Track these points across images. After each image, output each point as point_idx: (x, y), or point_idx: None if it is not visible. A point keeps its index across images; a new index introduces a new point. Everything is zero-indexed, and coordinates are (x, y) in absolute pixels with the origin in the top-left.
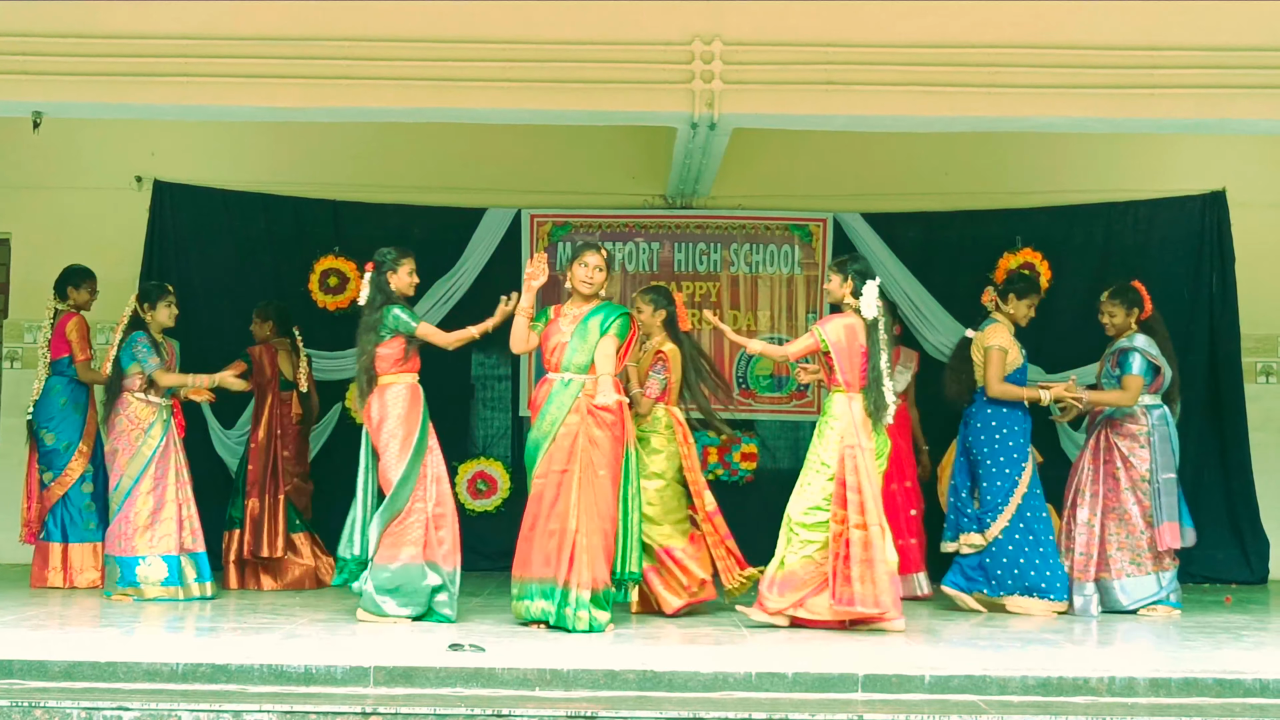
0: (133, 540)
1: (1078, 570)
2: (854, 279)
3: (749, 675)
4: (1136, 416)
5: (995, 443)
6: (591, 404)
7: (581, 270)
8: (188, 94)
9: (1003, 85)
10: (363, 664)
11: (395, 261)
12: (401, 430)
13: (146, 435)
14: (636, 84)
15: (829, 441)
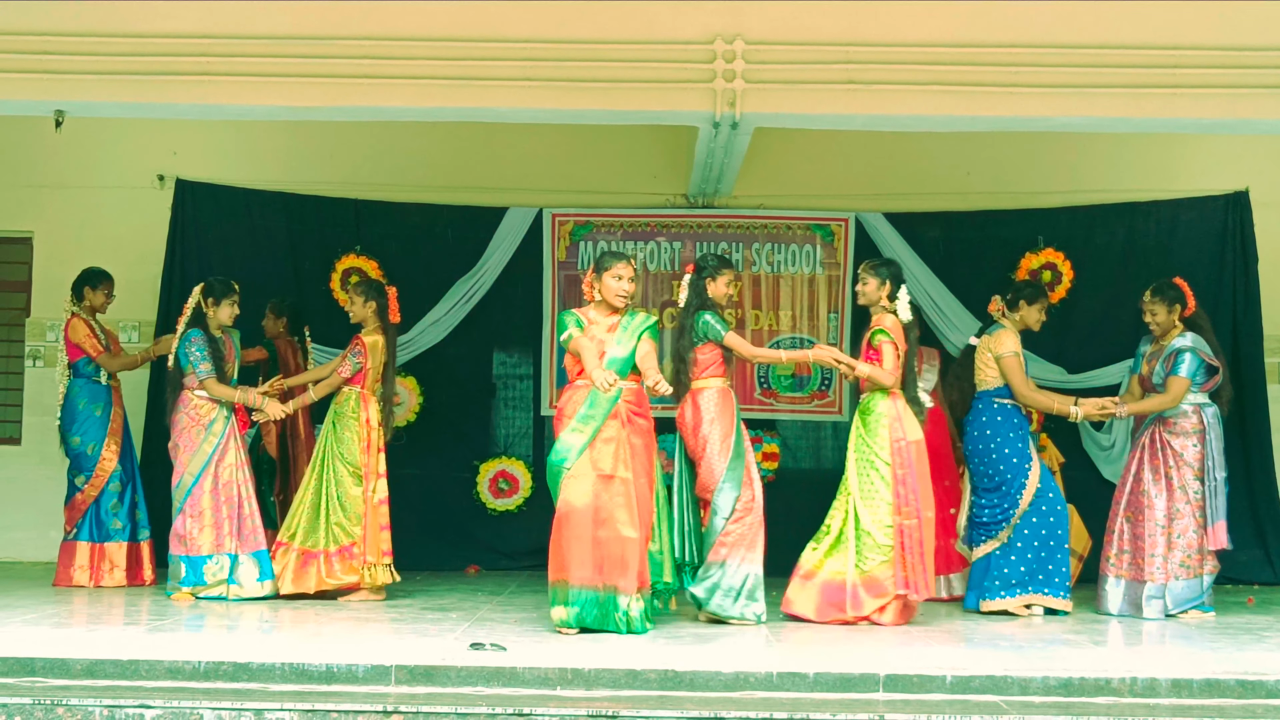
0: (198, 539)
1: (1149, 573)
2: (891, 282)
3: (770, 675)
4: (1189, 414)
5: (996, 446)
6: (631, 411)
7: (615, 284)
8: (208, 93)
9: (1023, 85)
10: (384, 663)
11: (716, 270)
12: (717, 432)
13: (208, 432)
14: (658, 83)
15: (881, 439)
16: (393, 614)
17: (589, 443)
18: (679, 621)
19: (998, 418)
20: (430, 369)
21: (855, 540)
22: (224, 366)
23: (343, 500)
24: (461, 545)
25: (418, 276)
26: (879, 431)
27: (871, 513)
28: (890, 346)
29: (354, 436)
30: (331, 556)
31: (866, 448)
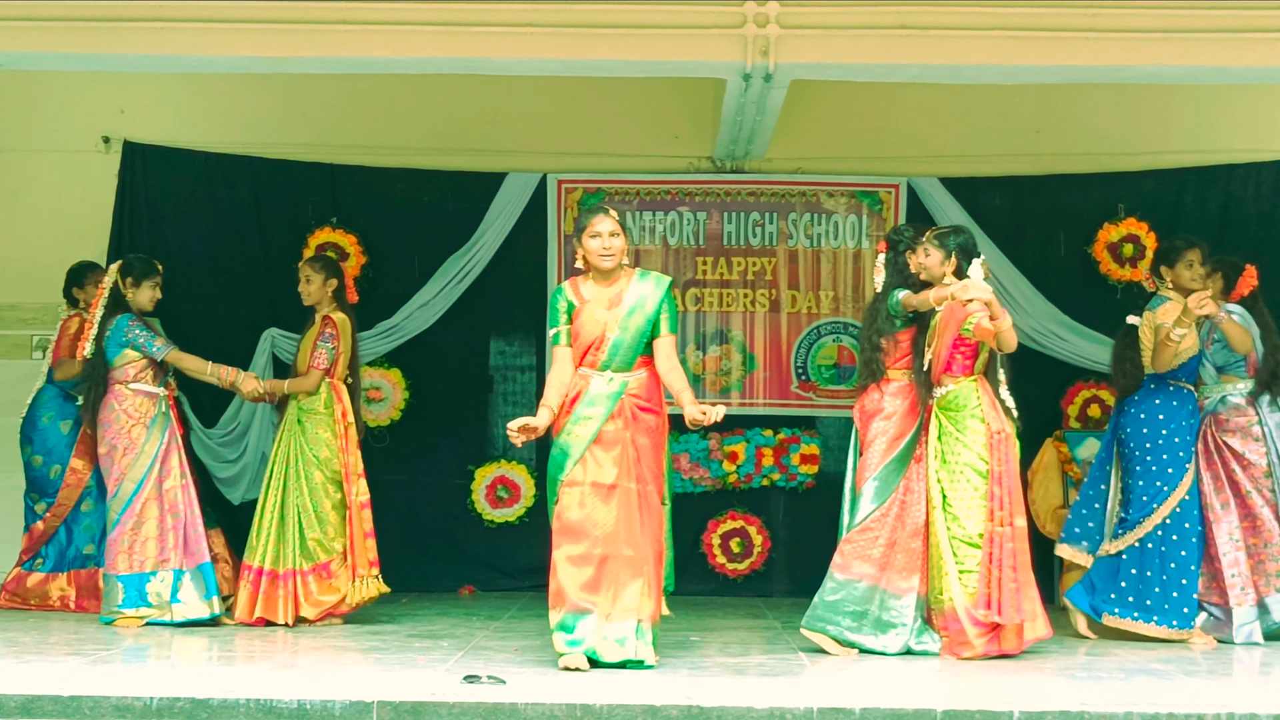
0: (140, 554)
1: (1233, 596)
2: (958, 255)
3: (810, 711)
4: (1243, 407)
5: (1156, 436)
6: (637, 406)
7: (594, 243)
8: (162, 42)
9: (1104, 30)
10: (365, 699)
11: (913, 241)
12: (893, 429)
13: (150, 430)
14: (679, 29)
15: (975, 434)
16: (375, 642)
17: (587, 447)
18: (704, 650)
19: (1173, 402)
20: (418, 359)
21: (953, 556)
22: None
23: (319, 511)
24: (454, 562)
25: (403, 252)
26: (969, 424)
27: (972, 520)
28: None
29: (330, 435)
30: (306, 576)
31: (961, 446)
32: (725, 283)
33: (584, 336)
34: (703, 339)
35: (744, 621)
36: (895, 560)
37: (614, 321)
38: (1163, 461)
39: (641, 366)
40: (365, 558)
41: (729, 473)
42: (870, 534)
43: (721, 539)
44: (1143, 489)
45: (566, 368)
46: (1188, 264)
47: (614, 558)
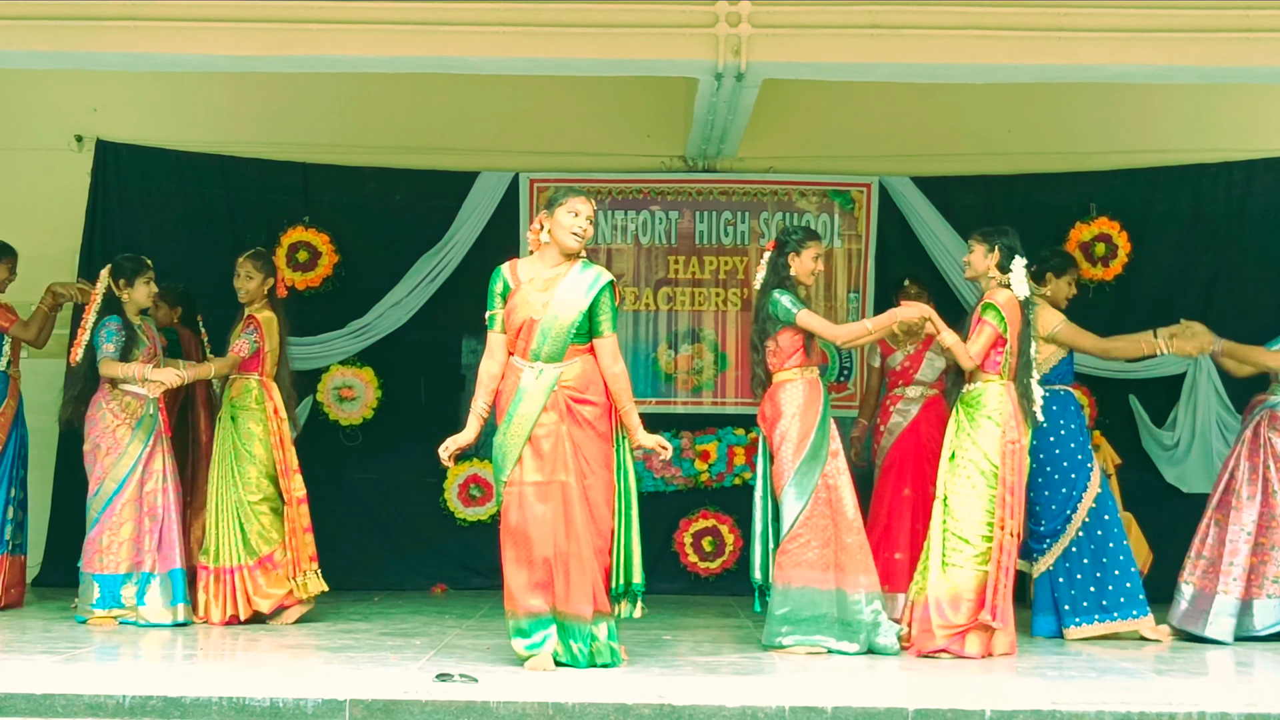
0: (115, 555)
1: (1223, 583)
2: (1001, 251)
3: (781, 710)
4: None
5: (1058, 440)
6: (571, 398)
7: (570, 220)
8: (134, 40)
9: (1074, 29)
10: (337, 697)
11: (801, 244)
12: (796, 429)
13: (134, 432)
14: (652, 28)
15: (989, 436)
16: (348, 640)
17: (522, 446)
18: (676, 649)
19: (1052, 406)
20: (390, 358)
21: (941, 548)
22: (134, 354)
23: (253, 504)
24: (427, 561)
25: (376, 251)
26: (987, 428)
27: (967, 517)
28: (990, 329)
29: (262, 430)
30: (252, 570)
31: (971, 445)
32: (697, 281)
33: (514, 319)
34: (675, 338)
35: (716, 620)
36: (843, 559)
37: (543, 306)
38: (1064, 469)
39: (575, 356)
40: (305, 553)
41: (701, 471)
42: (801, 539)
43: (693, 538)
44: (1050, 499)
45: (497, 357)
46: (1070, 281)
47: (557, 556)
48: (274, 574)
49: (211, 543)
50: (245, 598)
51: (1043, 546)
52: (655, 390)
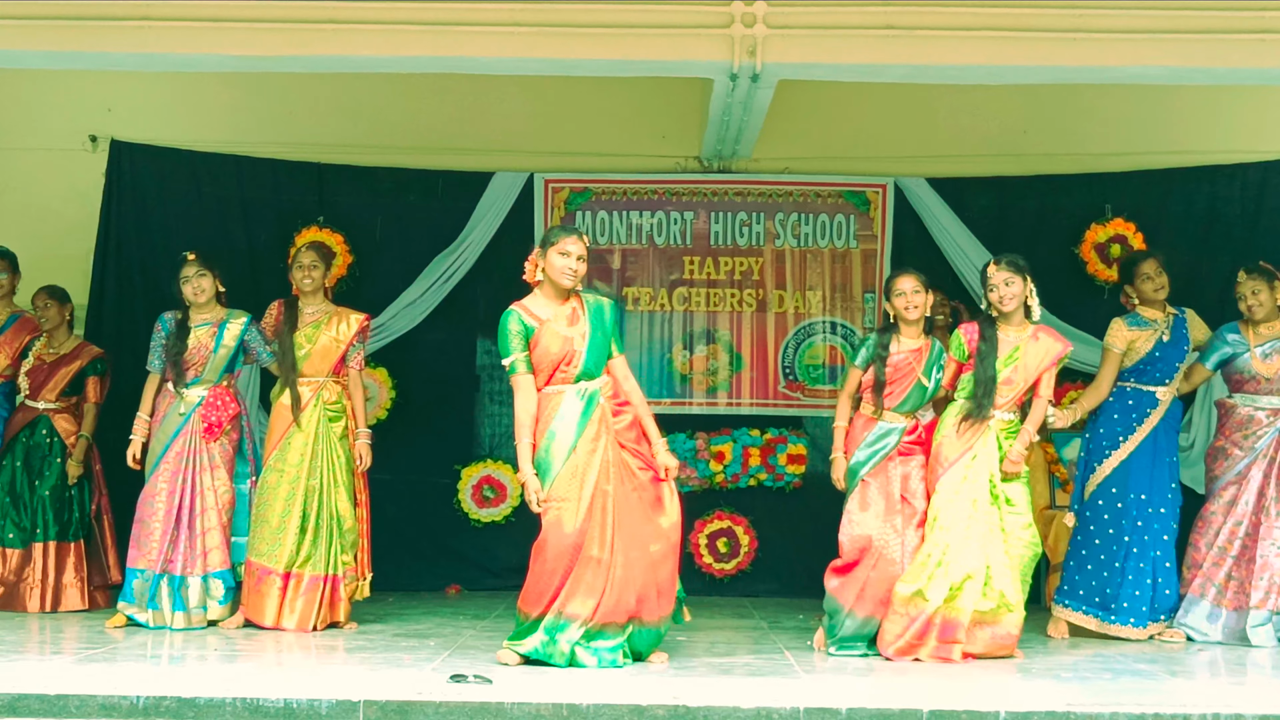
0: (137, 549)
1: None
2: (1032, 280)
3: (796, 711)
4: None
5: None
6: (611, 408)
7: (561, 260)
8: (149, 41)
9: (1090, 30)
10: (351, 698)
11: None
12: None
13: (161, 428)
14: (667, 29)
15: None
16: (362, 641)
17: (566, 459)
18: (691, 650)
19: (1110, 398)
20: (405, 358)
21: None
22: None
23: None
24: (441, 561)
25: (390, 252)
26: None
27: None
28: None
29: (343, 430)
30: (340, 579)
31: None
32: (712, 282)
33: (550, 354)
34: (690, 338)
35: (731, 621)
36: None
37: (581, 336)
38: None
39: (605, 374)
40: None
41: (716, 473)
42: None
43: (708, 539)
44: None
45: (532, 395)
46: (1144, 277)
47: (612, 562)
48: (349, 581)
49: (301, 550)
50: (332, 606)
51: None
52: (670, 391)
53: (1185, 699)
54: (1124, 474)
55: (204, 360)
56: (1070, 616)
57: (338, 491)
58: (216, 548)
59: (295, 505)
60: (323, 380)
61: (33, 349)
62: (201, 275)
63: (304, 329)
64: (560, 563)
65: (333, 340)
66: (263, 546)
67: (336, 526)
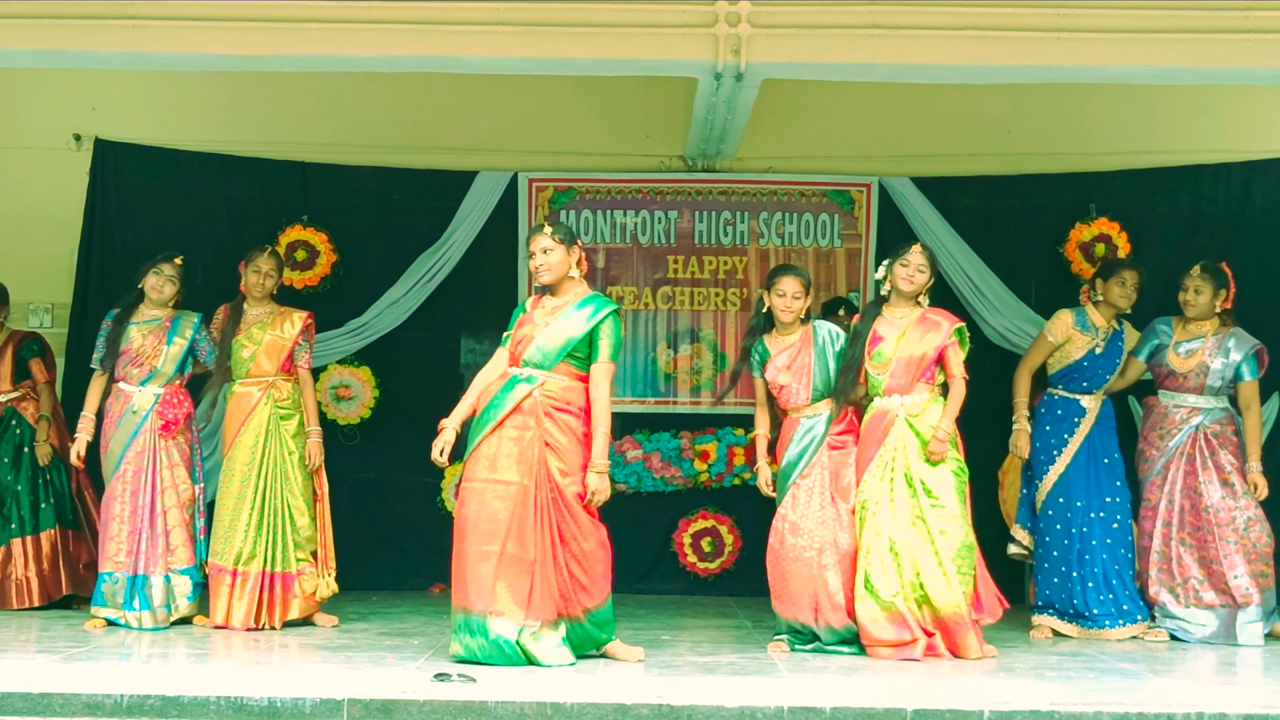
0: (104, 551)
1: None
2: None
3: (780, 710)
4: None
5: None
6: (552, 406)
7: (531, 262)
8: (134, 39)
9: (1074, 30)
10: (335, 696)
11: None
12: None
13: (118, 428)
14: (651, 28)
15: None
16: (346, 640)
17: (481, 439)
18: (675, 649)
19: (1040, 409)
20: (388, 357)
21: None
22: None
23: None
24: (424, 560)
25: (374, 250)
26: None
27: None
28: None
29: (297, 427)
30: (294, 576)
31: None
32: (697, 281)
33: (517, 334)
34: (674, 338)
35: (715, 621)
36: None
37: (544, 324)
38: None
39: (564, 372)
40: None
41: (700, 472)
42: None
43: (693, 538)
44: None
45: (496, 365)
46: (1120, 281)
47: (503, 555)
48: (309, 578)
49: (246, 546)
50: (284, 604)
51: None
52: (654, 390)
53: (1169, 698)
54: (1065, 484)
55: (157, 356)
56: (1052, 624)
57: (288, 488)
58: (180, 545)
59: (245, 502)
60: (271, 379)
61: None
62: (171, 281)
63: (248, 329)
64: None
65: (277, 339)
66: (217, 545)
67: (289, 524)
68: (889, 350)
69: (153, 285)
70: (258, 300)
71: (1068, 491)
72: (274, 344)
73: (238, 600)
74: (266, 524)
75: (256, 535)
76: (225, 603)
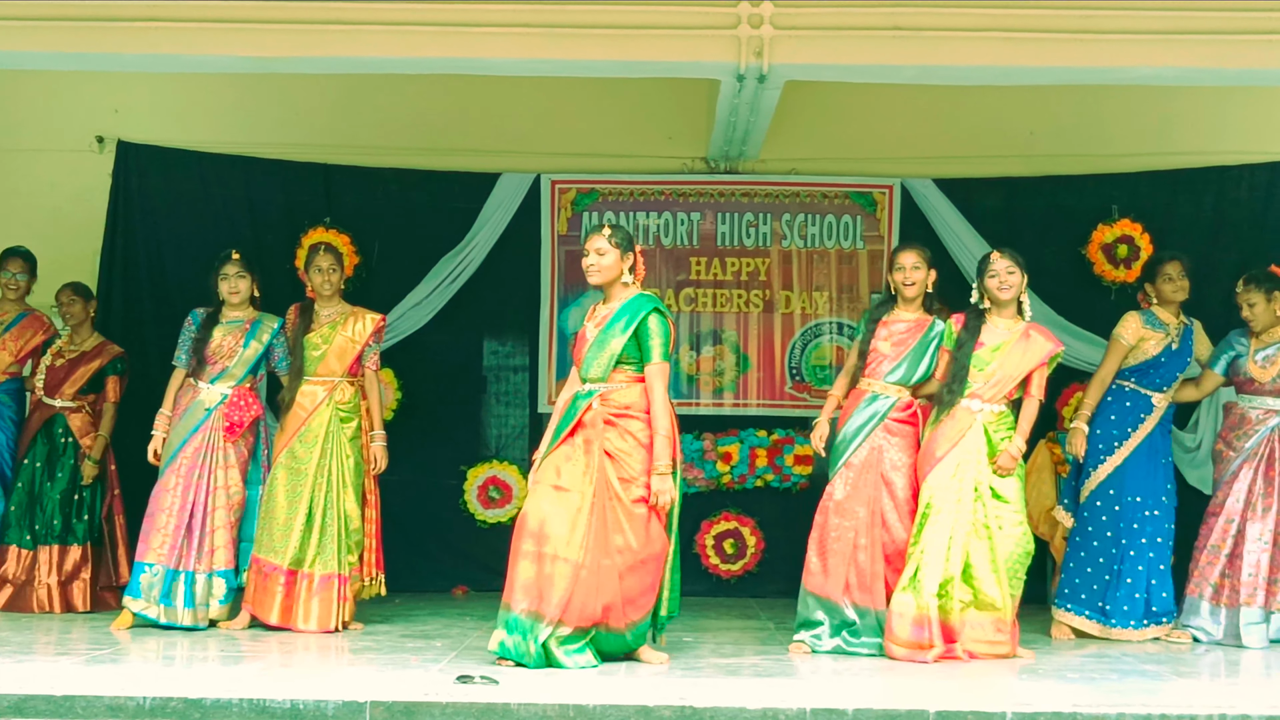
0: (147, 543)
1: (1244, 595)
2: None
3: (803, 712)
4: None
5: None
6: (610, 413)
7: (584, 260)
8: (156, 42)
9: (1098, 30)
10: (358, 699)
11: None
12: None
13: (180, 423)
14: (674, 30)
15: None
16: (368, 642)
17: (549, 449)
18: (697, 650)
19: (1107, 398)
20: (411, 359)
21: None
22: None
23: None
24: (447, 562)
25: (397, 252)
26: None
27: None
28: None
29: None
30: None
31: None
32: (719, 283)
33: (578, 352)
34: (697, 339)
35: (737, 622)
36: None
37: (591, 336)
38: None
39: (622, 379)
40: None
41: (723, 473)
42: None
43: (715, 540)
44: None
45: (570, 384)
46: (1166, 278)
47: (547, 557)
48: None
49: (309, 549)
50: (343, 604)
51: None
52: (677, 392)
53: (1191, 699)
54: (1120, 477)
55: (231, 357)
56: (1071, 620)
57: (346, 492)
58: (222, 546)
59: (301, 503)
60: (337, 380)
61: (51, 346)
62: (240, 276)
63: (320, 329)
64: (519, 545)
65: (348, 340)
66: (269, 542)
67: (344, 527)
68: (987, 358)
69: (227, 290)
70: (326, 299)
71: (1121, 485)
72: (345, 345)
73: (306, 604)
74: (327, 526)
75: (320, 538)
76: (279, 603)
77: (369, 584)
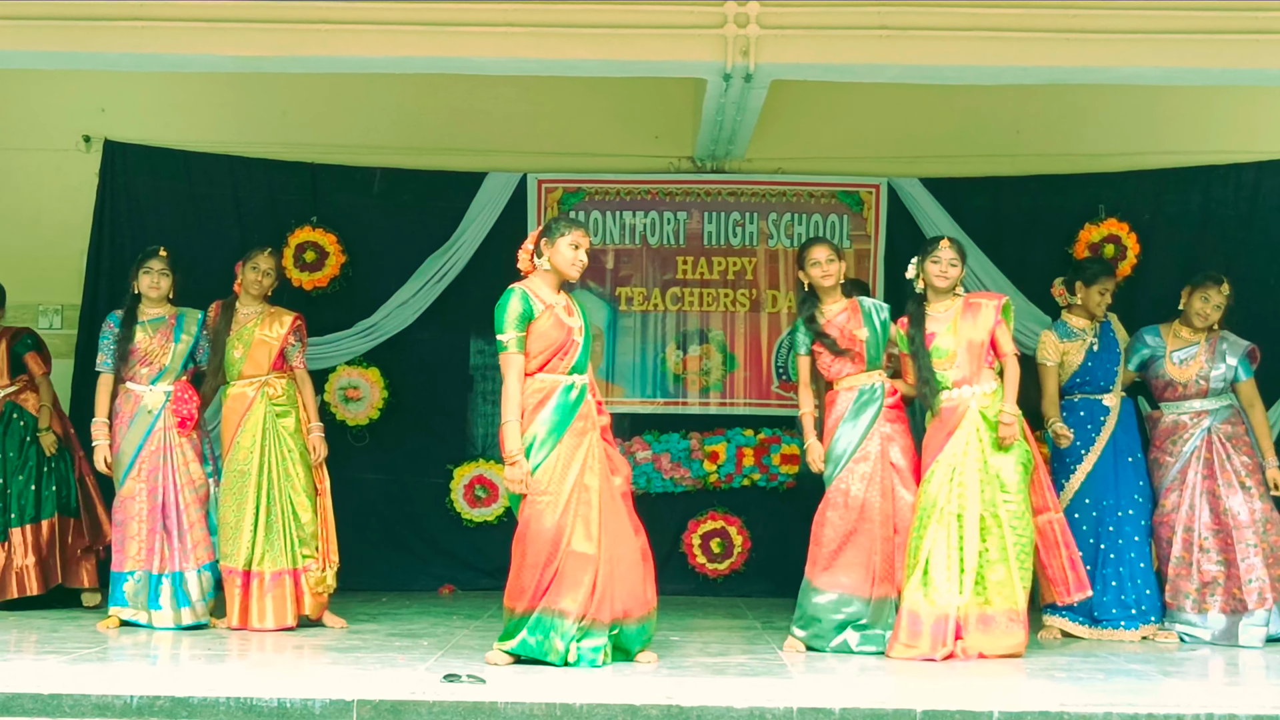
0: (122, 552)
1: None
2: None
3: (790, 711)
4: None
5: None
6: (598, 402)
7: (572, 253)
8: (142, 41)
9: (1083, 30)
10: (344, 697)
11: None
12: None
13: (130, 428)
14: (660, 29)
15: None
16: (355, 641)
17: (553, 450)
18: (684, 650)
19: (1063, 413)
20: (397, 358)
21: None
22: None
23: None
24: (434, 561)
25: (383, 251)
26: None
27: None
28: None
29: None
30: (302, 572)
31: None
32: (705, 282)
33: (549, 341)
34: (683, 338)
35: (724, 621)
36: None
37: (578, 328)
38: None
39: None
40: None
41: (709, 473)
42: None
43: (702, 539)
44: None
45: (523, 377)
46: (1101, 289)
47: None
48: (313, 573)
49: (257, 547)
50: (297, 600)
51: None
52: (664, 391)
53: (1179, 699)
54: (1091, 483)
55: (165, 354)
56: (1060, 624)
57: (291, 485)
58: (201, 541)
59: (249, 504)
60: (264, 377)
61: None
62: (164, 274)
63: (238, 330)
64: (540, 556)
65: (265, 339)
66: (226, 547)
67: (294, 520)
68: (948, 343)
69: (148, 284)
70: (251, 299)
71: (1094, 490)
72: (262, 345)
73: (260, 602)
74: (273, 523)
75: (267, 535)
76: (239, 605)
77: (324, 575)
